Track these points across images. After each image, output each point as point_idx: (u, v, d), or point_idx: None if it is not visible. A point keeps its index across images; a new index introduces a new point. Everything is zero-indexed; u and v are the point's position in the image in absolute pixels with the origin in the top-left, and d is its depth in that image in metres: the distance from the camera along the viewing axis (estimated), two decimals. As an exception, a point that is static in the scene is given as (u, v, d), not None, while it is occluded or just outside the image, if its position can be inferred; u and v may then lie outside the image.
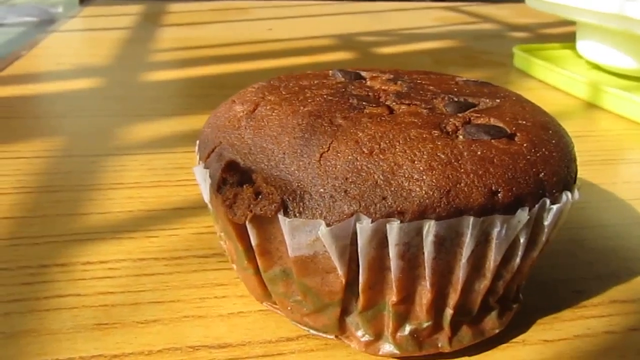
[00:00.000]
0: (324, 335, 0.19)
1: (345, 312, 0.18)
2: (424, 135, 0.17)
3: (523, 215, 0.16)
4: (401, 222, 0.15)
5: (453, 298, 0.17)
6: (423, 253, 0.16)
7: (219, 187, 0.17)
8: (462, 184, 0.16)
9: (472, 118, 0.19)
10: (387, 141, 0.17)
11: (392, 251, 0.16)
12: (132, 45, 0.63)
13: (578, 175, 0.33)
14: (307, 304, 0.18)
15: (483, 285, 0.17)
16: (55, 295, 0.21)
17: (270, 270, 0.18)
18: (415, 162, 0.16)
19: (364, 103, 0.20)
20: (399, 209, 0.16)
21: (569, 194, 0.18)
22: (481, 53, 0.63)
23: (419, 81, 0.23)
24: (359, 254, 0.16)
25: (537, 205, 0.17)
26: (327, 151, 0.17)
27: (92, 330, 0.19)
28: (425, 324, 0.18)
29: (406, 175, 0.16)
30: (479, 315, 0.19)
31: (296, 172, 0.17)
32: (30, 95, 0.44)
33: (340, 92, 0.21)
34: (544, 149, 0.18)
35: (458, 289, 0.17)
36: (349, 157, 0.16)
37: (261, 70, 0.54)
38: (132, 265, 0.23)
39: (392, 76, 0.23)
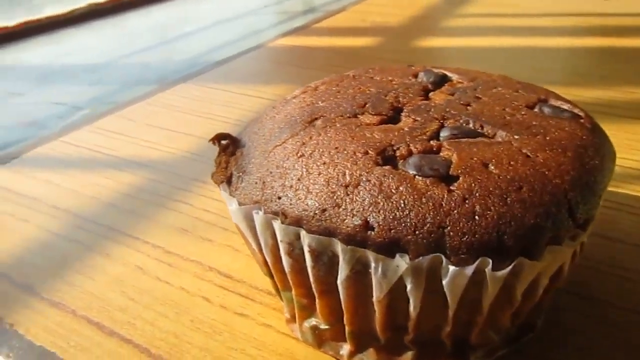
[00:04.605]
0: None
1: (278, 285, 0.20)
2: (357, 154, 0.17)
3: (401, 262, 0.15)
4: (282, 222, 0.17)
5: (346, 315, 0.18)
6: (306, 259, 0.17)
7: (219, 152, 0.21)
8: (340, 208, 0.16)
9: (442, 148, 0.17)
10: (323, 149, 0.18)
11: (280, 246, 0.18)
12: (440, 7, 0.66)
13: None
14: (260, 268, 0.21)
15: (375, 317, 0.17)
16: (189, 204, 0.29)
17: (244, 230, 0.22)
18: (320, 175, 0.17)
19: (371, 109, 0.20)
20: (282, 211, 0.17)
21: (488, 262, 0.15)
22: None
23: (478, 96, 0.21)
24: (259, 238, 0.18)
25: (423, 258, 0.15)
26: (280, 145, 0.19)
27: (178, 231, 0.27)
28: (324, 326, 0.19)
29: (304, 184, 0.17)
30: (392, 347, 0.18)
31: (258, 156, 0.20)
32: (320, 46, 0.54)
33: (375, 93, 0.21)
34: (476, 204, 0.15)
35: (344, 308, 0.17)
36: (285, 155, 0.18)
37: (561, 49, 0.50)
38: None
39: (470, 84, 0.22)
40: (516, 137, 0.18)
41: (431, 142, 0.18)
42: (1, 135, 0.87)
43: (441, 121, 0.19)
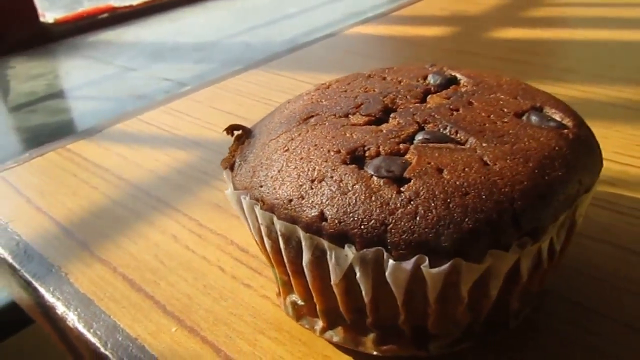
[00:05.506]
0: (282, 277, 0.24)
1: (273, 263, 0.23)
2: (330, 152, 0.19)
3: (349, 252, 0.17)
4: (261, 208, 0.19)
5: (314, 295, 0.20)
6: (282, 241, 0.19)
7: (233, 141, 0.24)
8: (303, 200, 0.18)
9: (408, 151, 0.19)
10: (304, 145, 0.20)
11: (261, 228, 0.20)
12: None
13: None
14: (262, 246, 0.24)
15: (338, 299, 0.19)
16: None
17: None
18: (295, 168, 0.19)
19: (363, 110, 0.22)
20: (261, 198, 0.19)
21: (424, 259, 0.16)
22: None
23: (472, 101, 0.21)
24: (248, 220, 0.21)
25: (367, 250, 0.17)
26: (274, 139, 0.21)
27: (214, 207, 0.30)
28: (301, 302, 0.21)
29: (282, 175, 0.19)
30: (357, 328, 0.20)
31: (258, 147, 0.22)
32: (393, 36, 0.54)
33: (376, 94, 0.23)
34: (420, 206, 0.17)
35: (311, 288, 0.19)
36: (275, 148, 0.21)
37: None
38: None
39: (472, 89, 0.23)
40: (484, 145, 0.19)
41: (400, 145, 0.19)
42: (114, 107, 0.98)
43: (422, 125, 0.20)
